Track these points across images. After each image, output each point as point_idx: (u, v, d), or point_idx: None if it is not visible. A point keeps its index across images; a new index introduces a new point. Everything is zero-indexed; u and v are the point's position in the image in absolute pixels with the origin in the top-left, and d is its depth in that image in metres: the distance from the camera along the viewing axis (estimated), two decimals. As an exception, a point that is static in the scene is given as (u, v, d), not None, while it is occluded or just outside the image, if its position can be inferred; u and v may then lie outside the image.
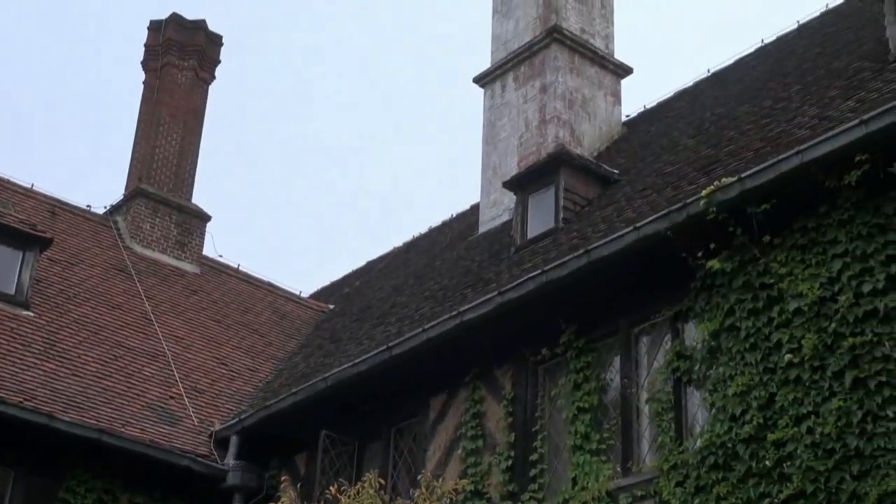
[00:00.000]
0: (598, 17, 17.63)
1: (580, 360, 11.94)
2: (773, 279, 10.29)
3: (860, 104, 10.49)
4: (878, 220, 9.75)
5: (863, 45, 12.69)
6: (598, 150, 16.58)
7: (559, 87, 16.61)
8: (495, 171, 16.86)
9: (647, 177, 13.61)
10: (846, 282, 9.75)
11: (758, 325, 10.29)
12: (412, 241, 21.42)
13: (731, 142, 12.47)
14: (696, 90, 17.06)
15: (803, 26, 16.16)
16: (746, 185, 10.29)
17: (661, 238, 10.85)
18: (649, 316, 11.51)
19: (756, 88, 14.47)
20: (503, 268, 13.82)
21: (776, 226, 10.35)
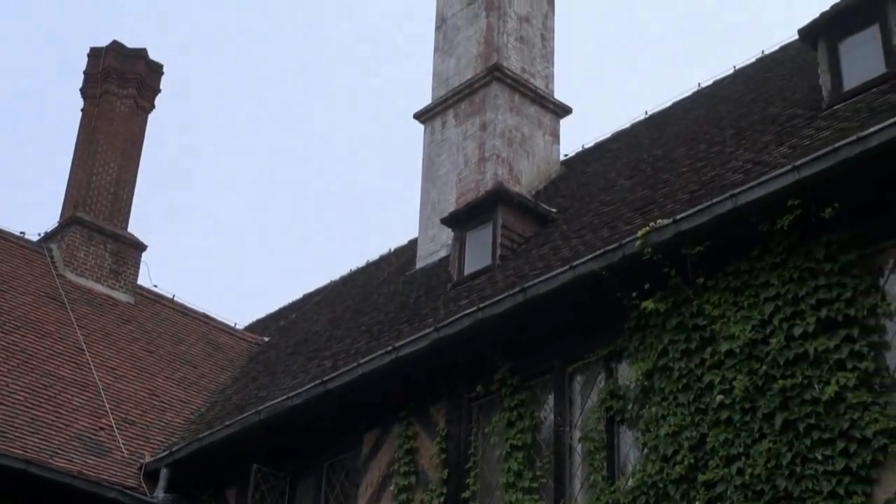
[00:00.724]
0: (538, 57, 17.81)
1: (514, 398, 11.97)
2: (706, 320, 10.41)
3: (793, 150, 10.67)
4: (810, 264, 9.91)
5: (797, 93, 12.92)
6: (537, 188, 16.70)
7: (499, 126, 16.73)
8: (434, 206, 16.91)
9: (583, 216, 13.73)
10: (777, 324, 9.89)
11: (690, 365, 10.40)
12: (349, 274, 21.40)
13: (667, 184, 12.63)
14: (633, 132, 17.26)
15: (739, 72, 16.43)
16: (681, 227, 10.41)
17: (597, 278, 10.94)
18: (584, 355, 11.58)
19: (692, 132, 14.67)
20: (440, 304, 13.84)
21: (710, 268, 10.48)
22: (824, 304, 9.71)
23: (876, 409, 9.18)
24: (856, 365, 9.39)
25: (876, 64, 11.39)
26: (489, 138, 16.65)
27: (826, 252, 9.83)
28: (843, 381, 9.35)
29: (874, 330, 9.51)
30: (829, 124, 10.80)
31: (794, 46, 14.88)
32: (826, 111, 11.38)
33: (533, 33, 17.86)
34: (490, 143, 16.61)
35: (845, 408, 9.29)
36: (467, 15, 17.81)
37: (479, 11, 17.62)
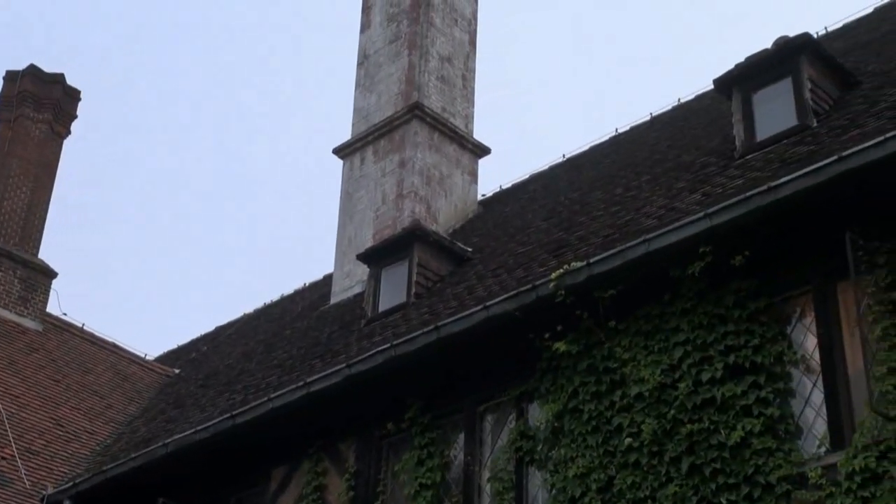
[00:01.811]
0: (459, 96, 17.91)
1: (425, 437, 11.94)
2: (617, 364, 10.50)
3: (706, 198, 10.84)
4: (719, 310, 10.05)
5: (711, 141, 13.13)
6: (453, 227, 16.75)
7: (418, 163, 16.78)
8: (350, 242, 16.89)
9: (499, 256, 13.79)
10: (686, 369, 10.02)
11: (600, 408, 10.47)
12: (263, 308, 21.25)
13: (582, 227, 12.74)
14: (550, 174, 17.41)
15: (656, 119, 16.67)
16: (594, 270, 10.51)
17: (510, 318, 10.99)
18: (495, 395, 11.60)
19: (608, 176, 14.83)
20: (353, 340, 13.80)
21: (622, 311, 10.58)
22: (732, 350, 9.85)
23: (780, 455, 9.32)
24: (761, 411, 9.54)
25: (788, 116, 11.62)
26: (408, 176, 16.68)
27: (735, 299, 9.99)
28: (748, 427, 9.48)
29: (780, 377, 9.67)
30: (742, 173, 10.98)
31: (709, 96, 15.14)
32: (739, 160, 11.58)
33: (454, 73, 17.98)
34: (408, 180, 16.64)
35: (750, 453, 9.42)
36: (389, 53, 17.88)
37: (402, 50, 17.70)
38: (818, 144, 10.46)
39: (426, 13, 17.86)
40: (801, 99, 11.58)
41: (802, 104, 11.54)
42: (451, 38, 18.16)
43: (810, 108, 11.47)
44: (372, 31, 18.39)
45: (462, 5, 18.58)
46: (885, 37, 13.42)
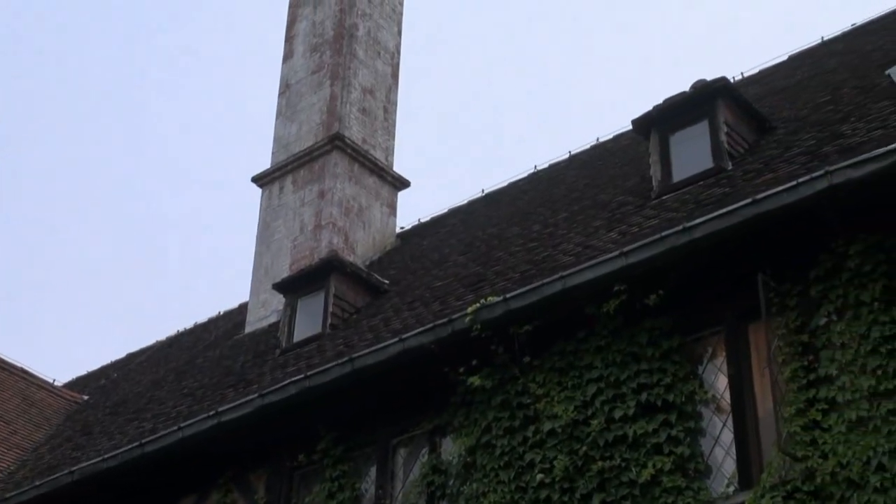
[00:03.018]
0: (380, 129, 17.93)
1: (336, 469, 11.86)
2: (531, 399, 10.53)
3: (622, 236, 10.95)
4: (633, 348, 10.14)
5: (628, 181, 13.28)
6: (371, 259, 16.73)
7: (337, 194, 16.74)
8: (267, 271, 16.78)
9: (416, 289, 13.79)
10: (599, 406, 10.08)
11: (513, 443, 10.48)
12: (176, 336, 20.99)
13: (500, 262, 12.79)
14: (469, 209, 17.47)
15: (574, 157, 16.82)
16: (511, 306, 10.55)
17: (426, 351, 10.98)
18: (408, 428, 11.57)
19: (526, 212, 14.92)
20: (266, 370, 13.68)
21: (537, 347, 10.62)
22: (645, 388, 9.94)
23: (689, 493, 9.41)
24: (672, 450, 9.62)
25: (704, 158, 11.79)
26: (326, 206, 16.64)
27: (649, 337, 10.09)
28: (659, 465, 9.56)
29: (691, 416, 9.78)
30: (658, 213, 11.12)
31: (627, 136, 15.31)
32: (655, 200, 11.72)
33: (376, 105, 18.01)
34: (327, 210, 16.60)
35: (660, 491, 9.50)
36: (312, 82, 17.86)
37: (324, 80, 17.69)
38: (732, 187, 10.63)
39: (349, 45, 17.89)
40: (717, 142, 11.77)
41: (718, 147, 11.73)
42: (374, 71, 18.20)
43: (726, 151, 11.66)
44: (294, 60, 18.37)
45: (385, 38, 18.64)
46: (799, 84, 13.71)
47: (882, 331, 8.87)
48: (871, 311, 9.00)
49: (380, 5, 18.73)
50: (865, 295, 9.07)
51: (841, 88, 12.22)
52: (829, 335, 9.19)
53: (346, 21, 18.03)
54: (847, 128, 10.49)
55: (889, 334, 8.84)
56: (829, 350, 9.15)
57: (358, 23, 18.17)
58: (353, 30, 18.05)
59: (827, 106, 11.80)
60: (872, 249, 9.14)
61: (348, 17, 18.08)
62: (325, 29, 18.18)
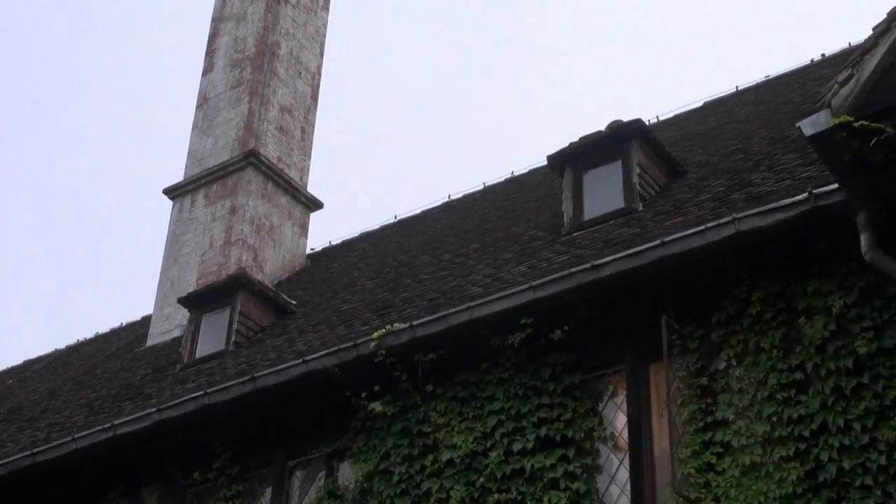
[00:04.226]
0: (296, 148, 17.87)
1: (231, 488, 11.72)
2: (431, 428, 10.53)
3: (531, 270, 11.02)
4: (535, 382, 10.20)
5: (540, 215, 13.38)
6: (280, 278, 16.63)
7: (249, 211, 16.63)
8: (173, 285, 16.59)
9: (322, 312, 13.73)
10: (498, 438, 10.11)
11: (411, 471, 10.46)
12: (76, 345, 20.64)
13: (408, 289, 12.79)
14: (381, 234, 17.47)
15: (489, 189, 16.91)
16: (417, 333, 10.55)
17: (329, 374, 10.93)
18: (307, 450, 11.49)
19: (437, 241, 14.96)
20: (166, 385, 13.51)
21: (440, 376, 10.63)
22: (545, 422, 9.99)
23: (583, 529, 9.46)
24: (568, 485, 9.67)
25: (616, 198, 11.93)
26: (237, 223, 16.52)
27: (552, 372, 10.16)
28: (554, 500, 9.60)
29: (588, 453, 9.84)
30: (567, 249, 11.22)
31: (542, 171, 15.43)
32: (566, 237, 11.82)
33: (294, 125, 17.95)
34: (238, 227, 16.48)
35: (555, 526, 9.53)
36: (230, 97, 17.76)
37: (243, 96, 17.59)
38: (642, 228, 10.76)
39: (271, 62, 17.83)
40: (629, 182, 11.91)
41: (630, 188, 11.87)
42: (294, 90, 18.14)
43: (637, 192, 11.81)
44: (214, 74, 18.25)
45: (307, 58, 18.60)
46: (713, 130, 13.94)
47: (779, 378, 9.03)
48: (769, 358, 9.15)
49: (303, 25, 18.70)
50: (765, 342, 9.23)
51: (752, 138, 12.46)
52: (727, 379, 9.33)
53: (268, 38, 17.97)
54: (756, 177, 10.69)
55: (786, 382, 8.99)
56: (726, 394, 9.28)
57: (280, 41, 18.12)
58: (276, 48, 18.00)
59: (737, 154, 12.01)
60: (774, 298, 9.31)
61: (271, 34, 18.02)
62: (247, 45, 18.10)
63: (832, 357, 8.87)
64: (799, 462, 8.66)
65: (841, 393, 8.73)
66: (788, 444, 8.78)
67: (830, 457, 8.57)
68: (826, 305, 9.04)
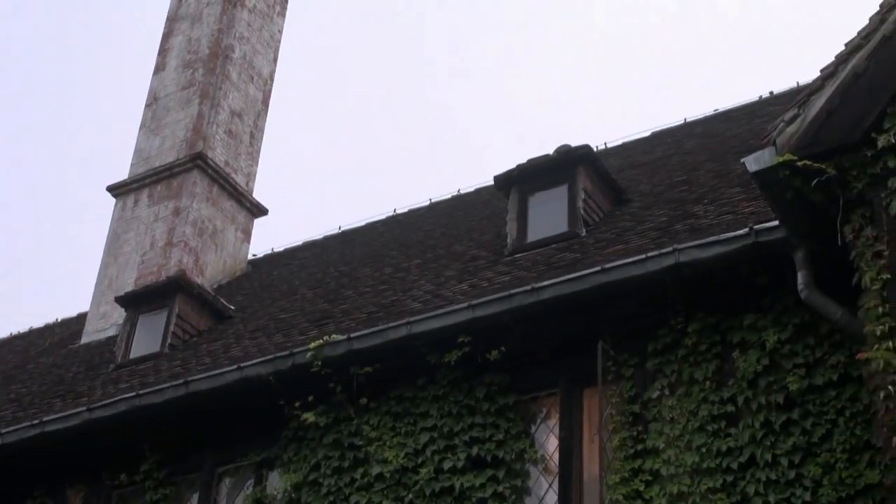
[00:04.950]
0: (244, 153, 17.79)
1: (157, 492, 11.62)
2: (363, 441, 10.51)
3: (472, 289, 11.04)
4: (470, 401, 10.21)
5: (484, 235, 13.41)
6: (220, 283, 16.53)
7: (192, 214, 16.53)
8: (111, 283, 16.45)
9: (260, 319, 13.67)
10: (430, 455, 10.11)
11: (340, 483, 10.44)
12: (8, 338, 20.38)
13: (348, 301, 12.77)
14: (324, 244, 17.42)
15: (434, 205, 16.92)
16: (354, 346, 10.54)
17: (263, 382, 10.88)
18: (236, 458, 11.42)
19: (380, 254, 14.95)
20: (98, 384, 13.37)
21: (375, 390, 10.61)
22: (477, 442, 10.00)
23: (509, 550, 9.48)
24: (496, 506, 9.69)
25: (560, 222, 11.98)
26: (180, 224, 16.41)
27: (486, 392, 10.18)
28: (482, 520, 9.61)
29: (519, 474, 9.87)
30: (509, 270, 11.25)
31: (488, 191, 15.46)
32: (508, 258, 11.85)
33: (243, 129, 17.88)
34: (180, 229, 16.37)
35: (481, 546, 9.55)
36: (180, 98, 17.65)
37: (193, 97, 17.50)
38: (584, 253, 10.83)
39: (223, 65, 17.75)
40: (574, 207, 11.97)
41: (575, 212, 11.93)
42: (245, 95, 18.08)
43: (581, 217, 11.87)
44: (166, 73, 18.14)
45: (261, 64, 18.55)
46: (659, 161, 14.06)
47: (710, 410, 9.11)
48: (702, 389, 9.24)
49: (258, 31, 18.65)
50: (699, 373, 9.31)
51: (697, 170, 12.58)
52: (660, 408, 9.40)
53: (222, 41, 17.90)
54: (699, 209, 10.79)
55: (717, 414, 9.08)
56: (658, 423, 9.35)
57: (235, 45, 18.05)
58: (229, 51, 17.93)
59: (682, 185, 12.13)
60: (709, 330, 9.40)
61: (226, 37, 17.96)
62: (200, 46, 18.01)
63: (763, 392, 8.97)
64: (726, 494, 8.75)
65: (770, 428, 8.83)
66: (716, 475, 8.86)
67: (757, 490, 8.67)
68: (760, 340, 9.15)
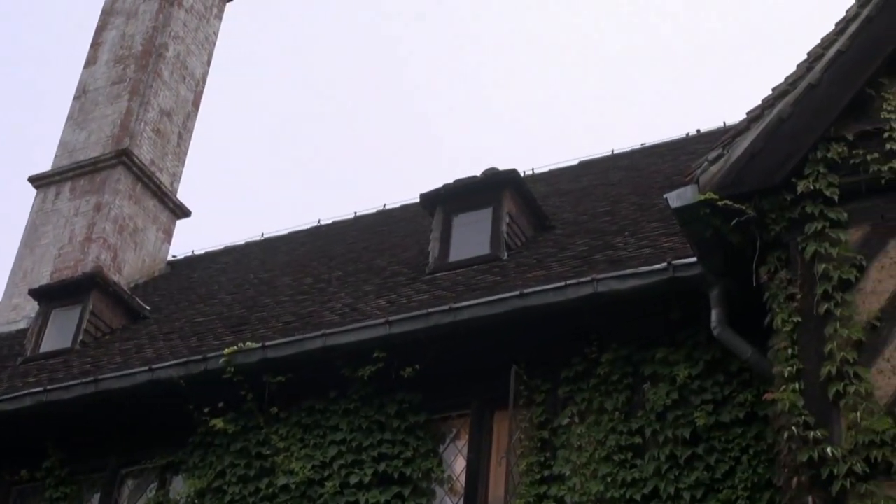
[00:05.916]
0: (171, 153, 17.65)
1: (58, 490, 11.44)
2: (271, 451, 10.45)
3: (390, 305, 11.05)
4: (380, 417, 10.21)
5: (407, 252, 13.43)
6: (137, 282, 16.36)
7: (114, 210, 16.35)
8: (26, 275, 16.21)
9: (176, 321, 13.55)
10: (336, 469, 10.08)
11: (244, 493, 10.36)
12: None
13: (265, 309, 12.71)
14: (245, 249, 17.30)
15: (359, 218, 16.89)
16: (268, 354, 10.48)
17: (174, 385, 10.77)
18: (141, 460, 11.29)
19: (301, 264, 14.89)
20: (4, 377, 13.14)
21: (287, 400, 10.56)
22: (385, 458, 10.00)
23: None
24: (400, 523, 9.69)
25: (482, 244, 12.03)
26: (101, 221, 16.23)
27: (398, 409, 10.18)
28: (385, 538, 9.61)
29: (424, 493, 9.88)
30: (428, 289, 11.27)
31: (414, 208, 15.45)
32: (429, 276, 11.87)
33: (171, 129, 17.73)
34: (100, 225, 16.18)
35: (377, 562, 9.54)
36: (110, 93, 17.47)
37: (123, 93, 17.33)
38: (504, 277, 10.88)
39: (156, 63, 17.61)
40: (497, 230, 12.03)
41: (498, 235, 11.99)
42: (176, 94, 17.94)
43: (504, 240, 11.93)
44: (96, 67, 17.95)
45: (194, 65, 18.42)
46: (584, 190, 14.18)
47: (618, 440, 9.19)
48: (611, 419, 9.32)
49: (194, 31, 18.53)
50: (609, 403, 9.39)
51: (621, 202, 12.71)
52: (568, 436, 9.46)
53: (156, 39, 17.76)
54: (620, 240, 10.90)
55: (624, 444, 9.16)
56: (566, 450, 9.41)
57: (169, 43, 17.91)
58: (163, 49, 17.79)
59: (605, 216, 12.24)
60: (622, 361, 9.50)
61: (160, 35, 17.82)
62: (134, 42, 17.85)
63: (671, 425, 9.07)
64: (628, 524, 8.82)
65: (675, 461, 8.93)
66: (619, 506, 8.93)
67: (658, 523, 8.75)
68: (671, 374, 9.26)
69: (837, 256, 7.98)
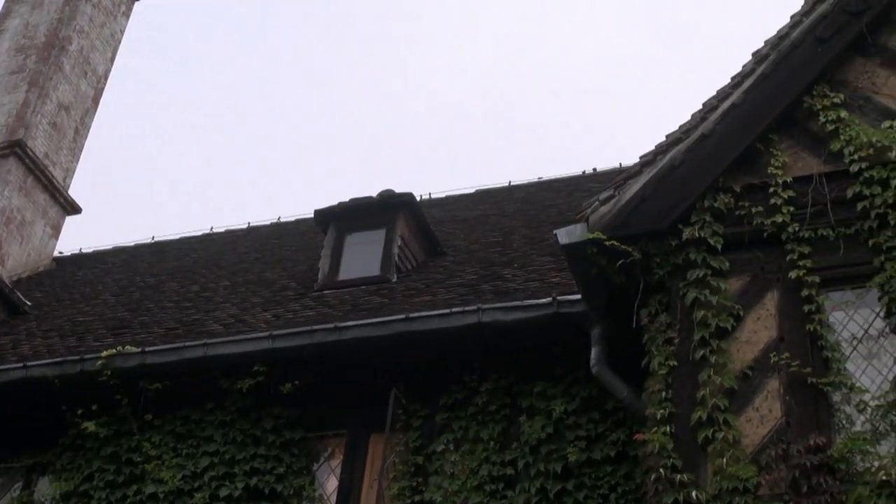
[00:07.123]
0: (66, 148, 17.35)
1: (-81, 484, 11.17)
2: (142, 458, 10.32)
3: (275, 319, 11.00)
4: (256, 431, 10.15)
5: (297, 266, 13.38)
6: (20, 276, 16.02)
7: (2, 202, 16.01)
8: None
9: (57, 319, 13.31)
10: (207, 481, 9.99)
11: (111, 498, 10.22)
12: None
13: (149, 313, 12.54)
14: (134, 251, 17.06)
15: (253, 229, 16.76)
16: (147, 360, 10.37)
17: (47, 384, 10.58)
18: (7, 458, 11.05)
19: (190, 270, 14.73)
20: None
21: (162, 407, 10.45)
22: (257, 473, 9.94)
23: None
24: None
25: (373, 264, 12.05)
26: (-13, 211, 15.88)
27: (274, 424, 10.14)
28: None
29: (295, 510, 9.83)
30: (315, 305, 11.25)
31: (308, 223, 15.39)
32: (317, 293, 11.84)
33: (68, 124, 17.44)
34: (-13, 215, 15.84)
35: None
36: (8, 82, 17.12)
37: (21, 84, 17.00)
38: (391, 299, 10.90)
39: (58, 56, 17.31)
40: (388, 252, 12.05)
41: (389, 257, 12.02)
42: (76, 89, 17.65)
43: (395, 263, 11.96)
44: (-4, 55, 17.59)
45: (97, 60, 18.15)
46: (479, 218, 14.27)
47: (491, 470, 9.25)
48: (485, 448, 9.38)
49: (100, 27, 18.27)
50: (485, 432, 9.46)
51: (513, 234, 12.82)
52: (442, 462, 9.50)
53: (60, 32, 17.47)
54: (508, 272, 11.00)
55: (496, 475, 9.22)
56: (438, 476, 9.44)
57: (73, 37, 17.63)
58: (66, 42, 17.50)
59: (496, 247, 12.34)
60: (501, 391, 9.57)
61: (64, 28, 17.53)
62: (37, 33, 17.53)
63: (544, 459, 9.16)
64: (493, 555, 8.87)
65: (545, 495, 9.01)
66: (487, 535, 8.99)
67: (524, 555, 8.82)
68: (548, 408, 9.35)
69: (716, 304, 8.15)
